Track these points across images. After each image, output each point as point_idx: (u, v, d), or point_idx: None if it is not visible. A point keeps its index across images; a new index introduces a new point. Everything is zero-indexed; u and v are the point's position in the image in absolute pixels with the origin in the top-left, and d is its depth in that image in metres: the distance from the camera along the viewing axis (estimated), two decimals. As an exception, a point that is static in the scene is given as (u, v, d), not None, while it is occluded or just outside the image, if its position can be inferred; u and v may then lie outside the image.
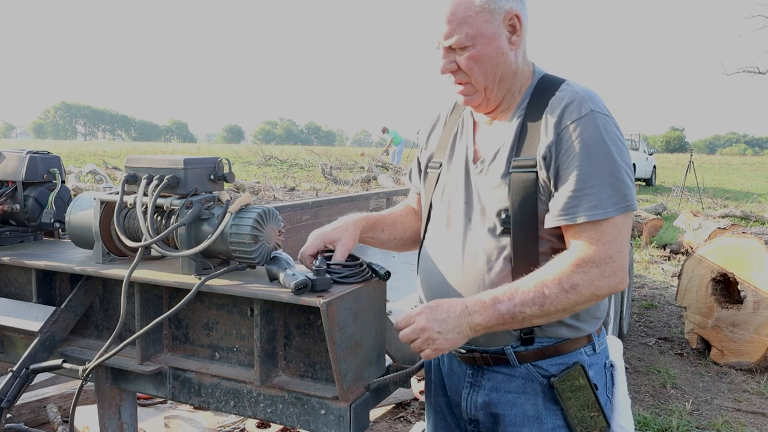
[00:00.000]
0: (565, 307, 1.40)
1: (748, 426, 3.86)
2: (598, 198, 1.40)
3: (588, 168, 1.41)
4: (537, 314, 1.39)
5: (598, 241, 1.40)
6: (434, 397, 1.74)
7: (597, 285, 1.40)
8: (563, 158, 1.43)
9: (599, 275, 1.40)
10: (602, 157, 1.41)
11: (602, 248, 1.40)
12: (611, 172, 1.41)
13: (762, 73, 21.08)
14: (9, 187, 1.98)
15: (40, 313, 1.71)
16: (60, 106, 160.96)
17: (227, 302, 1.58)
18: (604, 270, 1.40)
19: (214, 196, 1.64)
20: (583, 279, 1.39)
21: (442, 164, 1.67)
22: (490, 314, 1.39)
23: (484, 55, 1.47)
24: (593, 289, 1.40)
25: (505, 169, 1.49)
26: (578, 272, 1.39)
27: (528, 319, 1.40)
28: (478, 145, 1.61)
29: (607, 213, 1.40)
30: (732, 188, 21.53)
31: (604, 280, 1.40)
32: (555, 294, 1.38)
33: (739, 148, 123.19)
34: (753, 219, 12.27)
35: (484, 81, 1.50)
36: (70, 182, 11.49)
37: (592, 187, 1.40)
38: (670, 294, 6.95)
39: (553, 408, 1.52)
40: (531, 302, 1.38)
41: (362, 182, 16.16)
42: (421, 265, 1.69)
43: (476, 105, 1.57)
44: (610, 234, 1.40)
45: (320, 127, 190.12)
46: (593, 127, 1.42)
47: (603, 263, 1.40)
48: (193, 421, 3.05)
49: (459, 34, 1.45)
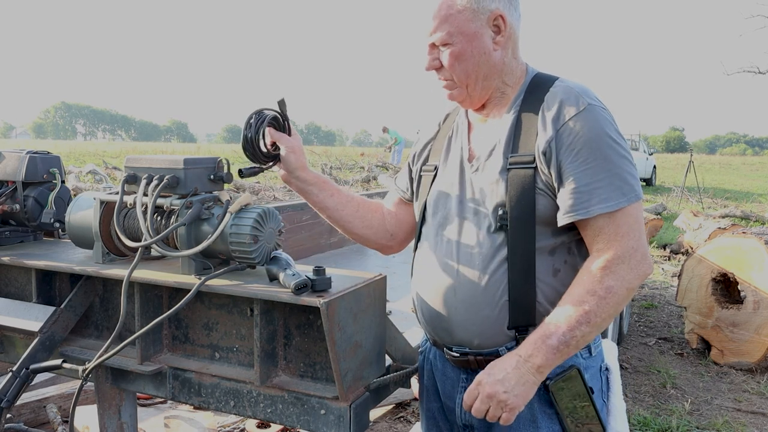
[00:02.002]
0: (609, 313, 1.41)
1: (748, 426, 3.86)
2: (608, 190, 1.41)
3: (594, 162, 1.41)
4: (587, 332, 1.40)
5: (616, 235, 1.41)
6: (427, 403, 1.73)
7: (629, 279, 1.41)
8: (566, 154, 1.43)
9: (628, 270, 1.41)
10: (606, 150, 1.42)
11: (623, 242, 1.41)
12: (617, 164, 1.42)
13: (762, 73, 21.08)
14: (9, 187, 1.98)
15: (40, 313, 1.71)
16: (60, 106, 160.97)
17: (227, 302, 1.58)
18: (630, 263, 1.41)
19: (214, 196, 1.64)
20: (615, 280, 1.40)
21: (437, 167, 1.66)
22: (546, 352, 1.40)
23: (465, 53, 1.49)
24: (627, 285, 1.41)
25: (503, 165, 1.49)
26: (608, 275, 1.40)
27: (582, 338, 1.41)
28: (472, 144, 1.61)
29: (620, 204, 1.41)
30: (732, 188, 21.53)
31: (633, 272, 1.41)
32: (596, 305, 1.39)
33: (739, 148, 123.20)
34: (753, 219, 12.27)
35: (465, 79, 1.52)
36: (70, 182, 11.48)
37: (600, 180, 1.41)
38: (670, 294, 6.95)
39: (548, 411, 1.50)
40: (577, 324, 1.39)
41: (362, 182, 16.16)
42: (416, 267, 1.67)
43: (460, 101, 1.58)
44: (626, 225, 1.42)
45: (320, 127, 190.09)
46: (593, 120, 1.43)
47: (628, 257, 1.41)
48: (193, 421, 3.05)
49: (441, 31, 1.48)
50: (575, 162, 1.42)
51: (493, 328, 1.49)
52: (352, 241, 1.63)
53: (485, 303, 1.49)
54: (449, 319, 1.54)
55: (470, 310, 1.51)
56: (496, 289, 1.48)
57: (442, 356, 1.63)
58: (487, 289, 1.48)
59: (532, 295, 1.47)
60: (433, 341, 1.66)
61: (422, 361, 1.73)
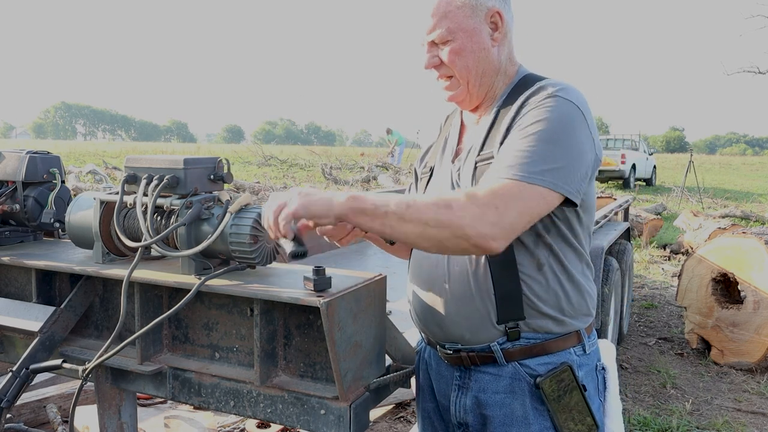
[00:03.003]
0: (425, 219, 1.29)
1: (748, 426, 3.86)
2: (508, 165, 1.35)
3: (519, 139, 1.38)
4: (397, 213, 1.30)
5: (496, 191, 1.32)
6: (422, 402, 1.73)
7: (467, 222, 1.28)
8: (517, 125, 1.42)
9: (477, 215, 1.29)
10: (536, 128, 1.38)
11: (495, 198, 1.31)
12: (534, 144, 1.36)
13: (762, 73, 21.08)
14: (9, 187, 1.98)
15: (40, 313, 1.71)
16: (60, 106, 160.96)
17: (227, 302, 1.58)
18: (484, 214, 1.29)
19: (214, 196, 1.64)
20: (459, 205, 1.29)
21: (433, 168, 1.69)
22: (358, 204, 1.32)
23: (465, 49, 1.50)
24: (460, 221, 1.28)
25: (474, 162, 1.51)
26: (461, 199, 1.31)
27: (389, 216, 1.30)
28: (462, 144, 1.64)
29: (507, 177, 1.33)
30: (732, 188, 21.52)
31: (475, 222, 1.28)
32: (425, 203, 1.30)
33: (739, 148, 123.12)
34: (753, 219, 12.27)
35: (466, 74, 1.52)
36: (70, 182, 11.48)
37: (509, 157, 1.36)
38: (670, 294, 6.95)
39: (540, 408, 1.50)
40: (399, 202, 1.31)
41: (362, 182, 16.16)
42: (412, 265, 1.69)
43: (460, 100, 1.58)
44: (501, 192, 1.32)
45: (320, 127, 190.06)
46: (552, 108, 1.40)
47: (487, 209, 1.30)
48: (193, 421, 3.05)
49: (441, 27, 1.49)
50: (513, 133, 1.41)
51: (483, 322, 1.50)
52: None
53: (473, 296, 1.50)
54: (441, 314, 1.55)
55: (460, 303, 1.51)
56: (483, 283, 1.49)
57: (437, 355, 1.64)
58: (475, 283, 1.49)
59: (517, 289, 1.47)
60: (428, 339, 1.67)
61: (418, 361, 1.74)
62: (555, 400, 1.49)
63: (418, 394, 1.76)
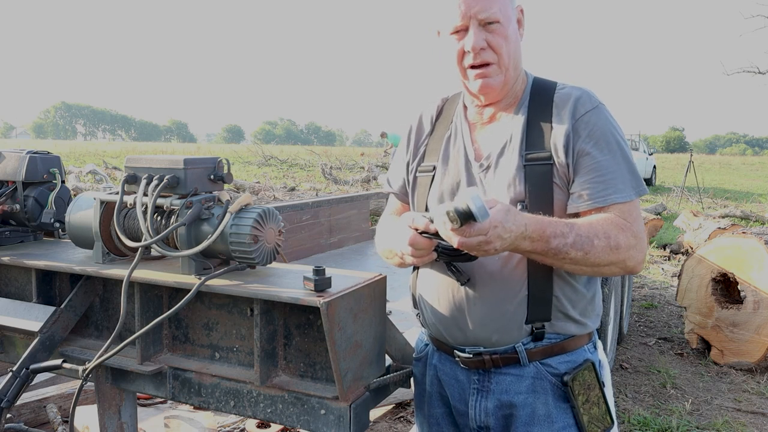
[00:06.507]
0: (601, 263, 1.42)
1: (748, 426, 3.86)
2: (622, 182, 1.48)
3: (610, 154, 1.49)
4: (577, 259, 1.40)
5: (636, 217, 1.48)
6: (429, 409, 1.69)
7: (631, 255, 1.44)
8: (585, 142, 1.49)
9: (635, 247, 1.44)
10: (616, 146, 1.50)
11: (633, 225, 1.46)
12: (626, 159, 1.50)
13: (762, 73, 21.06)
14: (9, 187, 1.98)
15: (40, 313, 1.71)
16: (60, 106, 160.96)
17: (227, 302, 1.58)
18: (638, 244, 1.45)
19: (214, 196, 1.64)
20: (625, 243, 1.43)
21: (435, 167, 1.65)
22: (541, 246, 1.37)
23: (511, 35, 1.52)
24: (627, 258, 1.44)
25: (519, 162, 1.52)
26: (623, 235, 1.43)
27: (568, 261, 1.41)
28: (478, 144, 1.61)
29: (631, 196, 1.48)
30: (732, 188, 21.53)
31: (636, 253, 1.45)
32: (602, 247, 1.40)
33: (739, 148, 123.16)
34: (753, 219, 12.27)
35: (508, 61, 1.53)
36: (70, 182, 11.49)
37: (615, 171, 1.48)
38: (670, 294, 6.95)
39: (563, 406, 1.52)
40: (579, 247, 1.39)
41: (362, 182, 16.16)
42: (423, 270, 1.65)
43: (497, 89, 1.55)
44: (634, 214, 1.48)
45: (320, 127, 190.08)
46: (605, 118, 1.52)
47: (637, 238, 1.45)
48: (193, 421, 3.05)
49: (493, 8, 1.49)
50: (596, 149, 1.48)
51: (512, 322, 1.51)
52: (352, 240, 1.63)
53: (505, 298, 1.50)
54: (465, 318, 1.54)
55: (489, 305, 1.51)
56: (516, 284, 1.50)
57: (449, 360, 1.62)
58: (507, 284, 1.50)
59: (549, 289, 1.50)
60: (439, 344, 1.65)
61: (422, 368, 1.70)
62: (579, 396, 1.52)
63: (420, 401, 1.73)
